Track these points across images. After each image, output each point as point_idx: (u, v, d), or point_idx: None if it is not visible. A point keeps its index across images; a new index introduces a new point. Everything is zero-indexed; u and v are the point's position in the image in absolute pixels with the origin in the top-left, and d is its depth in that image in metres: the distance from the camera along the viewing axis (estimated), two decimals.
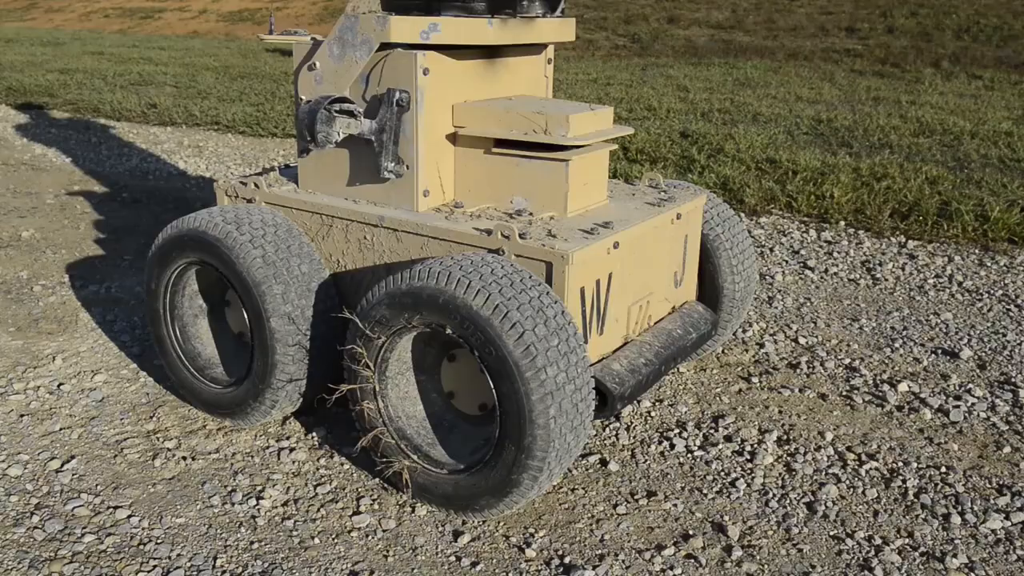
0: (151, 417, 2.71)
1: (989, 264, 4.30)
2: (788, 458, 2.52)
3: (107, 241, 4.49)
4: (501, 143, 2.43)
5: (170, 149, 7.00)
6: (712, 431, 2.66)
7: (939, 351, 3.29)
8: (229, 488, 2.34)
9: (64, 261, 4.15)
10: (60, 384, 2.91)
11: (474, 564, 2.06)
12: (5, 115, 8.80)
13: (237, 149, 7.03)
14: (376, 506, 2.27)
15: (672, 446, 2.57)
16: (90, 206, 5.16)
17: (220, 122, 8.07)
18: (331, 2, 26.52)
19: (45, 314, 3.51)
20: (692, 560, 2.08)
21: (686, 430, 2.66)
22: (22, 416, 2.71)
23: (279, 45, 16.00)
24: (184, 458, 2.48)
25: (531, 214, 2.40)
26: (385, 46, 2.33)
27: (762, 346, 3.30)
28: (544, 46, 2.76)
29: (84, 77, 11.65)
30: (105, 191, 5.55)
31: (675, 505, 2.29)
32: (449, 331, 2.00)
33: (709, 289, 2.89)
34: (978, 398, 2.91)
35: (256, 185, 2.66)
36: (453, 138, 2.50)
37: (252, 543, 2.12)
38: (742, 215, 5.10)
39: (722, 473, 2.43)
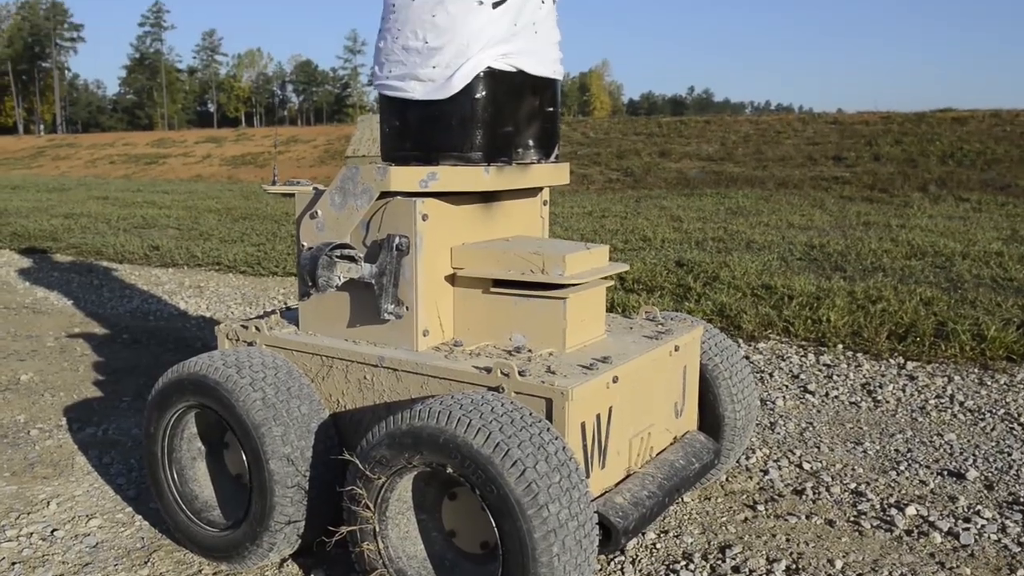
0: (146, 562, 2.66)
1: (989, 383, 4.31)
2: None
3: (106, 383, 4.50)
4: (499, 283, 2.48)
5: (171, 290, 7.09)
6: (719, 562, 2.61)
7: (945, 472, 3.26)
8: None
9: (62, 404, 4.15)
10: (54, 530, 2.87)
11: None
12: (9, 260, 8.95)
13: (238, 289, 7.12)
14: None
15: None
16: (90, 348, 5.19)
17: (221, 262, 8.20)
18: (332, 145, 27.36)
19: (41, 458, 3.49)
20: None
21: (693, 562, 2.61)
22: (14, 564, 2.66)
23: (282, 193, 16.44)
24: None
25: (530, 351, 2.43)
26: (385, 194, 2.41)
27: (766, 473, 3.27)
28: (540, 189, 2.85)
29: (88, 221, 11.90)
30: (105, 332, 5.59)
31: None
32: (450, 470, 1.99)
33: (710, 418, 2.89)
34: (988, 520, 2.86)
35: (257, 328, 2.70)
36: (452, 279, 2.55)
37: None
38: (740, 341, 5.13)
39: None
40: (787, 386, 4.34)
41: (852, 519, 2.89)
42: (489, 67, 2.48)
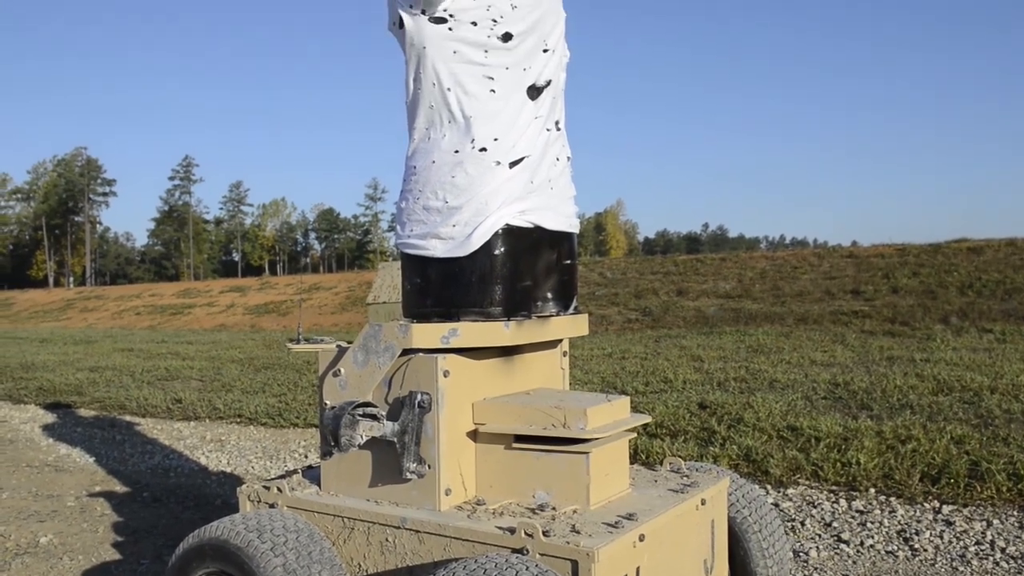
0: None
1: None
2: None
3: (125, 544, 4.43)
4: (521, 438, 2.46)
5: (192, 444, 7.06)
6: None
7: None
8: None
9: (80, 568, 4.08)
10: None
11: None
12: (34, 415, 8.98)
13: (259, 442, 7.09)
14: None
15: None
16: (110, 507, 5.14)
17: (243, 414, 8.19)
18: (353, 292, 27.78)
19: None
20: None
21: None
22: None
23: (306, 352, 16.70)
24: None
25: (554, 508, 2.39)
26: (407, 351, 2.43)
27: None
28: (559, 341, 2.87)
29: (113, 374, 12.00)
30: (126, 491, 5.54)
31: None
32: None
33: (741, 574, 2.80)
34: None
35: (279, 489, 2.67)
36: (474, 435, 2.54)
37: None
38: (768, 487, 5.02)
39: None
40: (820, 535, 4.21)
41: None
42: (507, 224, 2.54)
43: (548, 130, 2.66)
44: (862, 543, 4.07)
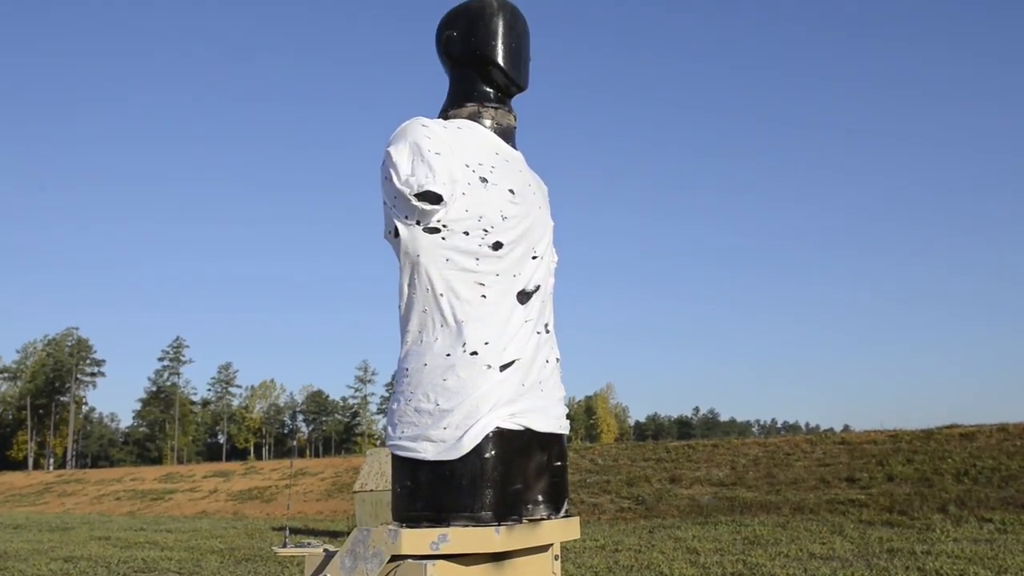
0: None
1: None
2: None
3: None
4: None
5: None
6: None
7: None
8: None
9: None
10: None
11: None
12: None
13: None
14: None
15: None
16: None
17: None
18: (339, 478, 27.27)
19: None
20: None
21: None
22: None
23: (292, 556, 16.29)
24: None
25: None
26: (396, 557, 2.38)
27: None
28: (550, 545, 2.81)
29: (87, 565, 11.57)
30: None
31: None
32: None
33: None
34: None
35: None
36: None
37: None
38: None
39: None
40: None
41: None
42: (498, 427, 2.53)
43: (538, 333, 2.70)
44: None
